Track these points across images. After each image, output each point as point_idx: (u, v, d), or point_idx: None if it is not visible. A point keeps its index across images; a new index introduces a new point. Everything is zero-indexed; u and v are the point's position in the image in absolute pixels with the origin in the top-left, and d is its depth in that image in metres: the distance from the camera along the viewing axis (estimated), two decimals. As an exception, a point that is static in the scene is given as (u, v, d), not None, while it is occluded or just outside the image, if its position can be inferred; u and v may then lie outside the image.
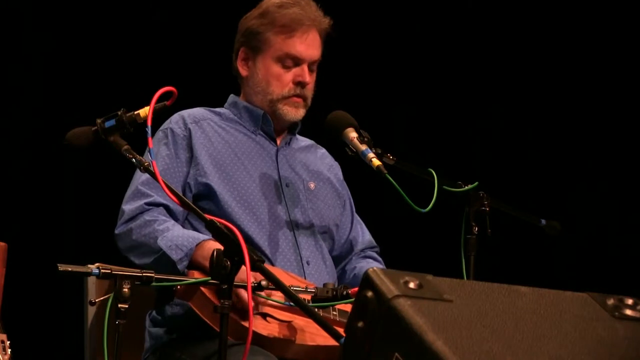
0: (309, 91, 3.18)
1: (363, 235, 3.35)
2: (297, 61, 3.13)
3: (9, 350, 2.80)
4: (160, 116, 2.63)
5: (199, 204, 2.97)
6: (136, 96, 2.64)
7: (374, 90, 5.08)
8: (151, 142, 2.50)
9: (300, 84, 3.14)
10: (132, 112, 2.58)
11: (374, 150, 2.95)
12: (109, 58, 4.69)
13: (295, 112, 3.16)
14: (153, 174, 2.49)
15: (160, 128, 3.14)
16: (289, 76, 3.14)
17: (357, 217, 3.37)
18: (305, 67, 3.14)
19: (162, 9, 4.80)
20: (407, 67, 5.13)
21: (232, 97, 3.28)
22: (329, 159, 3.39)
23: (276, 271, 2.83)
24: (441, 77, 5.16)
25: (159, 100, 2.53)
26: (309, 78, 3.14)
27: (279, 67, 3.13)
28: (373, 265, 3.23)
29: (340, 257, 3.27)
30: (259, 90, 3.17)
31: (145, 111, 2.56)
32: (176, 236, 2.87)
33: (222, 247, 2.39)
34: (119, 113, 2.60)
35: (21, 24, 4.58)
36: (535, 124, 5.10)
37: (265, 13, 3.16)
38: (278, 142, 3.23)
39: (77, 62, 4.65)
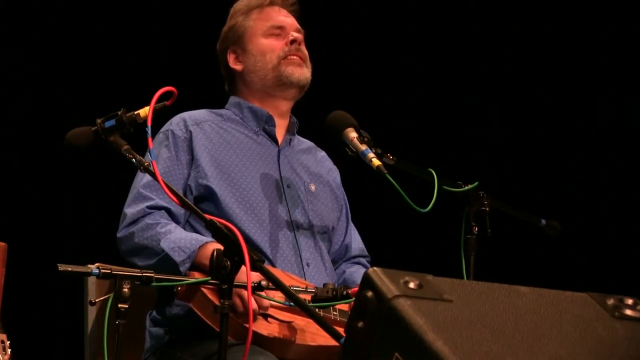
0: (305, 52, 3.24)
1: (356, 242, 3.36)
2: (281, 29, 3.23)
3: (9, 350, 2.80)
4: (160, 116, 2.63)
5: (200, 206, 2.95)
6: (136, 96, 2.64)
7: (374, 90, 5.08)
8: (151, 143, 2.50)
9: (293, 43, 3.21)
10: (132, 112, 2.58)
11: (374, 150, 2.94)
12: (109, 58, 4.69)
13: (300, 71, 3.20)
14: (153, 174, 2.48)
15: (161, 130, 3.14)
16: (280, 42, 3.22)
17: (351, 224, 3.38)
18: (291, 32, 3.23)
19: (162, 9, 4.80)
20: (407, 67, 5.13)
21: (233, 98, 3.28)
22: (328, 163, 3.39)
23: (276, 272, 2.83)
24: (441, 77, 5.16)
25: (159, 100, 2.52)
26: (299, 37, 3.22)
27: (268, 39, 3.22)
28: (362, 272, 3.23)
29: (333, 262, 3.26)
30: (259, 68, 3.21)
31: (145, 111, 2.55)
32: (179, 238, 2.87)
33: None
34: (119, 113, 2.59)
35: (21, 24, 4.58)
36: (535, 124, 5.11)
37: (234, 13, 3.29)
38: (280, 142, 3.23)
39: (78, 61, 4.65)
